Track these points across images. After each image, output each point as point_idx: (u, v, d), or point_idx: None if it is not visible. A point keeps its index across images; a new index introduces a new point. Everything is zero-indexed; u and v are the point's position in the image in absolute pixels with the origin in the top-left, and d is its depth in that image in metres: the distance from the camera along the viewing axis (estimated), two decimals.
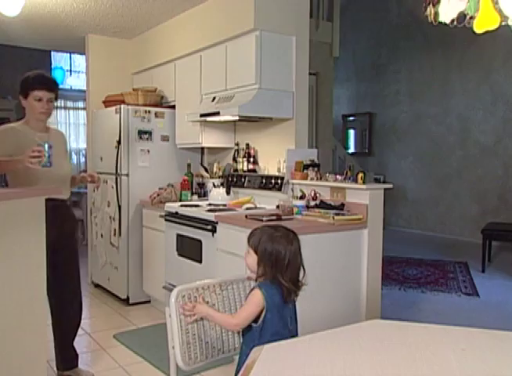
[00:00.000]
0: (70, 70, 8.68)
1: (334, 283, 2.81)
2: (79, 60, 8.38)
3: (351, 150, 8.98)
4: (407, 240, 7.17)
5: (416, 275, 5.13)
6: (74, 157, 8.61)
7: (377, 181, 7.76)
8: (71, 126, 8.50)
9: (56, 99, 2.59)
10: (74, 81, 8.59)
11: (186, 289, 1.63)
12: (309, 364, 1.30)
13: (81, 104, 8.30)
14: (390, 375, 1.20)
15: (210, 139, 4.00)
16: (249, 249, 1.65)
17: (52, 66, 8.32)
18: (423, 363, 1.27)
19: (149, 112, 4.17)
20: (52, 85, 2.54)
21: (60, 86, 2.74)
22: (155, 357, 2.99)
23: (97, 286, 4.57)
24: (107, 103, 4.49)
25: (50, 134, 2.62)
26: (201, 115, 3.64)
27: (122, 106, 4.07)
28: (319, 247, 2.76)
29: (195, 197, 4.06)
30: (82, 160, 8.48)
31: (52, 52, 8.06)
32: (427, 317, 3.73)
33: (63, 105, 8.39)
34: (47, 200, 2.10)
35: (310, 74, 3.83)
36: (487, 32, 1.35)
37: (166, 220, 3.66)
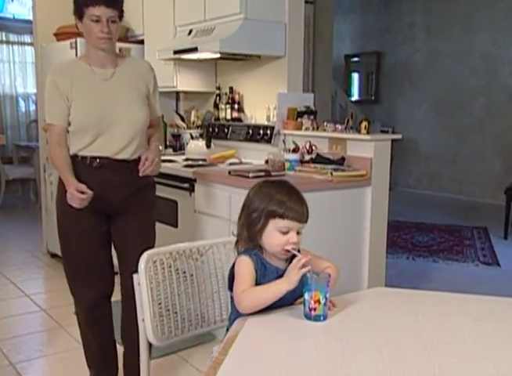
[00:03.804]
0: None
1: (332, 249, 2.85)
2: None
3: (355, 97, 8.96)
4: (418, 203, 7.27)
5: (428, 242, 5.24)
6: (22, 103, 8.46)
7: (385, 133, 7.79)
8: (16, 65, 8.29)
9: (121, 18, 2.20)
10: (17, 9, 8.30)
11: (158, 253, 1.65)
12: (298, 336, 1.34)
13: (27, 38, 8.06)
14: (392, 347, 1.24)
15: (186, 82, 3.97)
16: (303, 226, 1.64)
17: None
18: (432, 335, 1.32)
19: None
20: None
21: (1, 15, 2.51)
22: None
23: (54, 256, 4.58)
24: (60, 35, 4.37)
25: (120, 69, 2.27)
26: (175, 52, 3.59)
27: (78, 39, 3.96)
28: (315, 207, 2.75)
29: (169, 150, 4.04)
30: (32, 107, 8.33)
31: None
32: (438, 289, 3.80)
33: (4, 38, 8.14)
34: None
35: (306, 1, 3.77)
36: None
37: None
